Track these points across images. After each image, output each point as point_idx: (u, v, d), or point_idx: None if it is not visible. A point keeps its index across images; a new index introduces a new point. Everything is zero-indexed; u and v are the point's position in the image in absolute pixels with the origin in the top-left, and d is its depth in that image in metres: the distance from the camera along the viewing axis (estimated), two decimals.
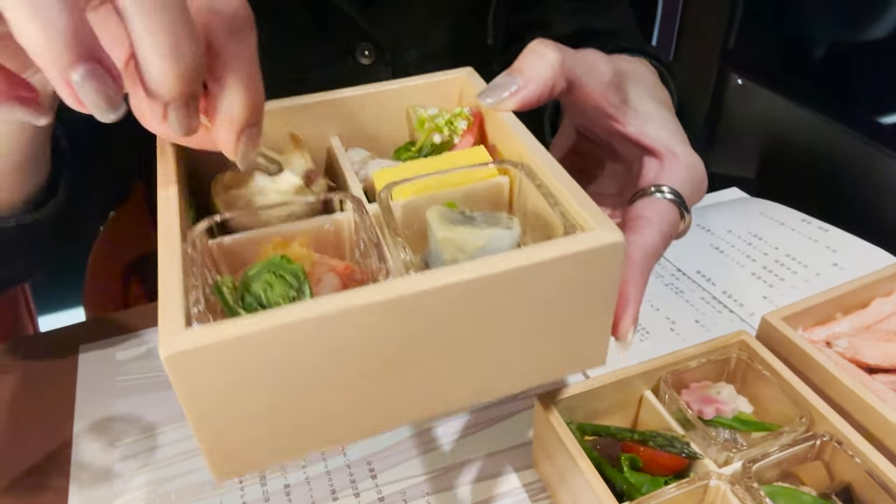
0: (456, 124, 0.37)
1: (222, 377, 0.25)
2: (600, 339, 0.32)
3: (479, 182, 0.34)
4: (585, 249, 0.28)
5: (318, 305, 0.25)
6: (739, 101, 1.35)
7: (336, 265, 0.31)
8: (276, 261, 0.29)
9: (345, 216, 0.32)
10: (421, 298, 0.26)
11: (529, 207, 0.33)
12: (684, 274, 0.70)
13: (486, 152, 0.36)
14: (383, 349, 0.27)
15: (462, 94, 0.39)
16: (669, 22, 1.60)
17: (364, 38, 0.65)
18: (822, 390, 0.49)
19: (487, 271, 0.27)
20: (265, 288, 0.28)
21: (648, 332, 0.63)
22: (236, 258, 0.31)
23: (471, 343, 0.29)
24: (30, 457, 0.55)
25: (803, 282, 0.67)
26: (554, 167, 0.32)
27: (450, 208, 0.33)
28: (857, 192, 0.96)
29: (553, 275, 0.28)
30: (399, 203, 0.33)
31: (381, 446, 0.54)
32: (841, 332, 0.55)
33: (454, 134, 0.37)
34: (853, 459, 0.44)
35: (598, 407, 0.50)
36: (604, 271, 0.29)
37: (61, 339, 0.66)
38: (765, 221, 0.76)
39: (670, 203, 0.38)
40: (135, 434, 0.56)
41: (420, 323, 0.27)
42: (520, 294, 0.28)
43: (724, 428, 0.48)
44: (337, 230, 0.32)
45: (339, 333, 0.26)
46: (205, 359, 0.25)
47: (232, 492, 0.52)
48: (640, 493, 0.44)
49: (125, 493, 0.52)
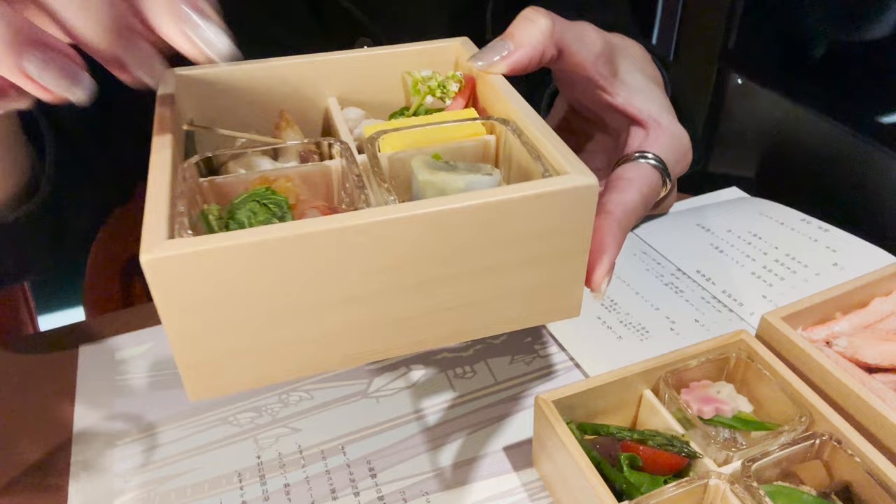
0: (448, 87, 0.38)
1: (199, 288, 0.26)
2: (574, 288, 0.32)
3: (466, 139, 0.34)
4: (558, 189, 0.28)
5: (296, 226, 0.26)
6: (739, 100, 1.35)
7: (320, 204, 0.31)
8: (262, 191, 0.30)
9: (333, 163, 0.33)
10: (394, 226, 0.27)
11: (514, 162, 0.34)
12: (684, 273, 0.70)
13: (475, 113, 0.37)
14: (357, 276, 0.28)
15: (457, 60, 0.40)
16: (669, 22, 1.60)
17: (362, 32, 0.65)
18: (822, 390, 0.49)
19: (459, 205, 0.27)
20: (249, 216, 0.29)
21: (648, 332, 0.63)
22: (225, 196, 0.32)
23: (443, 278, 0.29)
24: (29, 456, 0.55)
25: (803, 281, 0.67)
26: (539, 124, 0.33)
27: (434, 159, 0.33)
28: (857, 191, 0.96)
29: (525, 213, 0.28)
30: (386, 154, 0.33)
31: (381, 446, 0.54)
32: (840, 331, 0.55)
33: (446, 96, 0.38)
34: (853, 459, 0.44)
35: (597, 406, 0.50)
36: (576, 213, 0.29)
37: (61, 338, 0.66)
38: (765, 221, 0.76)
39: (653, 168, 0.38)
40: (135, 433, 0.56)
41: (393, 252, 0.27)
42: (492, 230, 0.28)
43: (723, 427, 0.48)
44: (325, 175, 0.33)
45: (314, 256, 0.26)
46: (183, 267, 0.25)
47: (231, 491, 0.52)
48: (640, 492, 0.44)
49: (125, 493, 0.52)
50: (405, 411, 0.57)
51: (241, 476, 0.53)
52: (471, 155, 0.35)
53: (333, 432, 0.56)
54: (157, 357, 0.63)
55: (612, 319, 0.65)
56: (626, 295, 0.68)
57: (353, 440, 0.55)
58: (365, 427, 0.56)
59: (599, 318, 0.65)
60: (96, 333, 0.66)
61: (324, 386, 0.60)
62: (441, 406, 0.58)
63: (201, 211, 0.30)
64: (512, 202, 0.28)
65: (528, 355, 0.62)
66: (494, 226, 0.28)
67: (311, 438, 0.55)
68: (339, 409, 0.58)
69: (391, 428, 0.56)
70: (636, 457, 0.46)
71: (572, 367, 0.61)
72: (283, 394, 0.59)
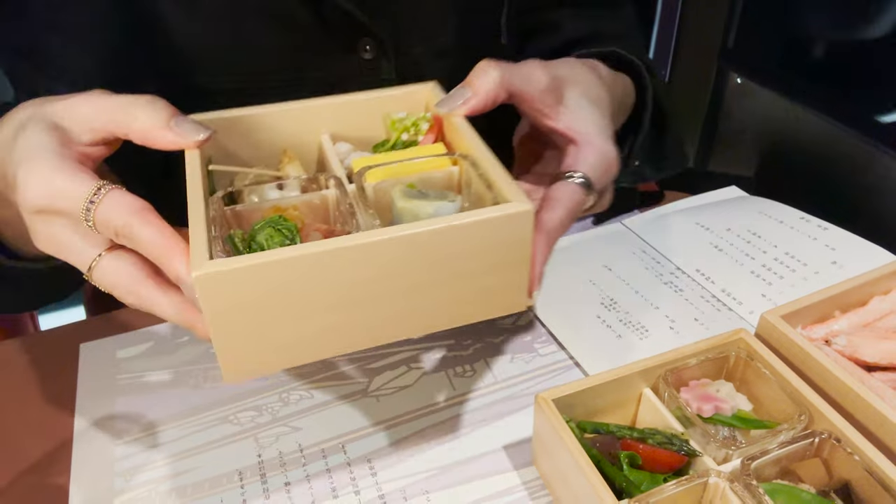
0: (420, 125, 0.47)
1: (234, 295, 0.35)
2: (520, 288, 0.41)
3: (434, 170, 0.43)
4: (503, 215, 0.37)
5: (303, 248, 0.35)
6: (738, 100, 1.35)
7: (321, 227, 0.40)
8: (276, 219, 0.38)
9: (329, 192, 0.41)
10: (378, 245, 0.35)
11: (472, 189, 0.43)
12: (683, 272, 0.70)
13: (443, 147, 0.45)
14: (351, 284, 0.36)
15: (428, 102, 0.48)
16: (668, 21, 1.60)
17: (365, 34, 0.65)
18: (821, 388, 0.49)
19: (429, 228, 0.36)
20: (267, 238, 0.37)
21: (648, 330, 0.63)
22: (245, 221, 0.41)
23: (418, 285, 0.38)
24: (30, 455, 0.55)
25: (802, 280, 0.67)
26: (491, 159, 0.41)
27: (409, 188, 0.41)
28: (856, 190, 0.96)
29: (479, 233, 0.37)
30: (371, 185, 0.41)
31: (381, 444, 0.55)
32: (840, 330, 0.55)
33: (418, 133, 0.46)
34: (852, 457, 0.44)
35: (597, 405, 0.50)
36: (517, 232, 0.38)
37: (62, 338, 0.66)
38: (764, 220, 0.76)
39: (578, 186, 0.46)
40: (135, 432, 0.57)
41: (378, 264, 0.36)
42: (455, 247, 0.37)
43: (723, 425, 0.48)
44: (323, 202, 0.42)
45: (319, 269, 0.35)
46: (222, 280, 0.34)
47: (232, 490, 0.52)
48: (640, 490, 0.44)
49: (126, 492, 0.52)
50: (405, 410, 0.57)
51: (242, 475, 0.53)
52: (439, 183, 0.43)
53: (334, 431, 0.56)
54: (157, 356, 0.64)
55: (611, 318, 0.65)
56: (626, 294, 0.68)
57: (353, 439, 0.55)
58: (365, 426, 0.56)
59: (599, 316, 0.65)
60: (97, 333, 0.66)
61: (324, 385, 0.60)
62: (441, 405, 0.58)
63: (228, 235, 0.39)
64: (469, 225, 0.37)
65: (528, 354, 0.62)
66: (456, 243, 0.37)
67: (312, 437, 0.55)
68: (339, 408, 0.58)
69: (392, 426, 0.56)
70: (636, 455, 0.46)
71: (572, 365, 0.61)
72: (284, 393, 0.59)
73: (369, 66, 0.67)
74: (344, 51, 0.66)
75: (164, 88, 0.64)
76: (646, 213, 0.80)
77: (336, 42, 0.65)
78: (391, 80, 0.67)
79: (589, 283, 0.69)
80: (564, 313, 0.66)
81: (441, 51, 0.71)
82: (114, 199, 0.39)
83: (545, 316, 0.66)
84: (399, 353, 0.63)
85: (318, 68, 0.65)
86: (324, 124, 0.47)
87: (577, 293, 0.68)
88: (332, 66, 0.66)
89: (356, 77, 0.67)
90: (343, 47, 0.66)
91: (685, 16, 1.51)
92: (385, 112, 0.48)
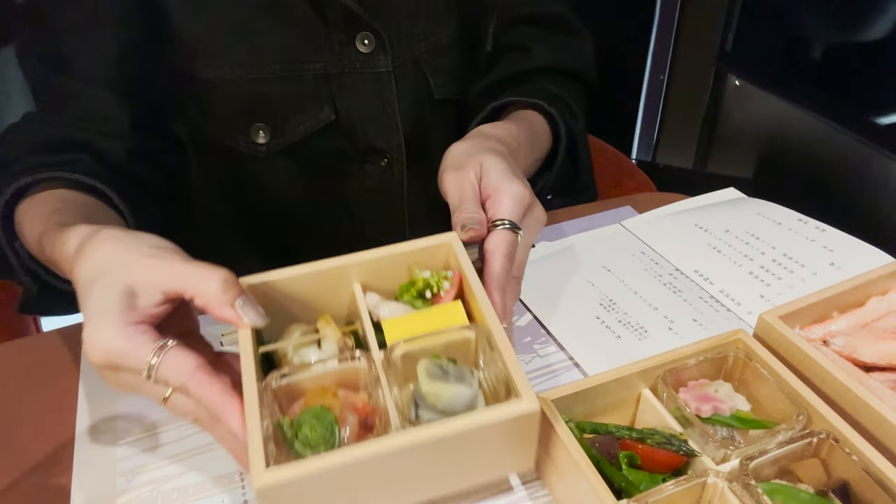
0: (442, 283, 0.51)
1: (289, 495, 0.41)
2: (527, 456, 0.47)
3: (454, 336, 0.48)
4: (512, 417, 0.42)
5: (345, 453, 0.41)
6: (737, 102, 1.36)
7: (356, 402, 0.46)
8: (317, 411, 0.44)
9: (360, 364, 0.47)
10: (408, 446, 0.41)
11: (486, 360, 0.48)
12: (682, 273, 0.71)
13: (461, 307, 0.50)
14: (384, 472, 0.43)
15: (448, 254, 0.53)
16: (667, 24, 1.61)
17: (364, 28, 0.67)
18: (819, 388, 0.50)
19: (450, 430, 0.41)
20: (310, 428, 0.43)
21: (647, 331, 0.64)
22: (292, 392, 0.47)
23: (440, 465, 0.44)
24: (33, 455, 0.55)
25: (800, 281, 0.68)
26: (500, 333, 0.46)
27: (433, 361, 0.46)
28: (854, 192, 0.96)
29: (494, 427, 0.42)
30: (399, 353, 0.46)
31: None
32: (837, 330, 0.56)
33: (440, 289, 0.51)
34: (850, 457, 0.44)
35: (596, 405, 0.50)
36: (525, 426, 0.44)
37: (64, 339, 0.67)
38: (762, 221, 0.76)
39: (506, 230, 0.52)
40: (137, 433, 0.57)
41: (407, 457, 0.42)
42: (471, 440, 0.43)
43: (721, 426, 0.49)
44: (355, 372, 0.47)
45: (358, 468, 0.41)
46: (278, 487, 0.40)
47: (233, 489, 0.52)
48: (639, 490, 0.44)
49: (127, 492, 0.52)
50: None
51: (243, 475, 0.53)
52: (457, 346, 0.48)
53: None
54: None
55: (610, 319, 0.65)
56: (625, 294, 0.68)
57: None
58: None
59: (598, 317, 0.66)
60: None
61: None
62: None
63: (278, 422, 0.44)
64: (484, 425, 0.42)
65: (528, 354, 0.62)
66: (474, 437, 0.43)
67: None
68: None
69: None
70: (635, 455, 0.46)
71: (571, 366, 0.61)
72: None
73: (367, 60, 0.68)
74: (342, 44, 0.68)
75: (170, 78, 0.66)
76: (645, 215, 0.80)
77: (335, 35, 0.67)
78: (388, 73, 0.69)
79: (588, 284, 0.70)
80: (564, 314, 0.66)
81: (438, 47, 0.73)
82: (171, 362, 0.43)
83: (545, 317, 0.66)
84: None
85: (316, 60, 0.67)
86: (355, 277, 0.52)
87: (577, 294, 0.69)
88: (331, 59, 0.68)
89: (354, 70, 0.68)
90: (341, 41, 0.67)
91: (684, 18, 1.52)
92: (410, 263, 0.52)
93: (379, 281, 0.52)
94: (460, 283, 0.51)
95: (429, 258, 0.53)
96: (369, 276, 0.52)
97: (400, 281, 0.53)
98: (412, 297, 0.51)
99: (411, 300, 0.51)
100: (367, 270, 0.52)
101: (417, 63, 0.72)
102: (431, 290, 0.51)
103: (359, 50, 0.68)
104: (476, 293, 0.49)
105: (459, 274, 0.51)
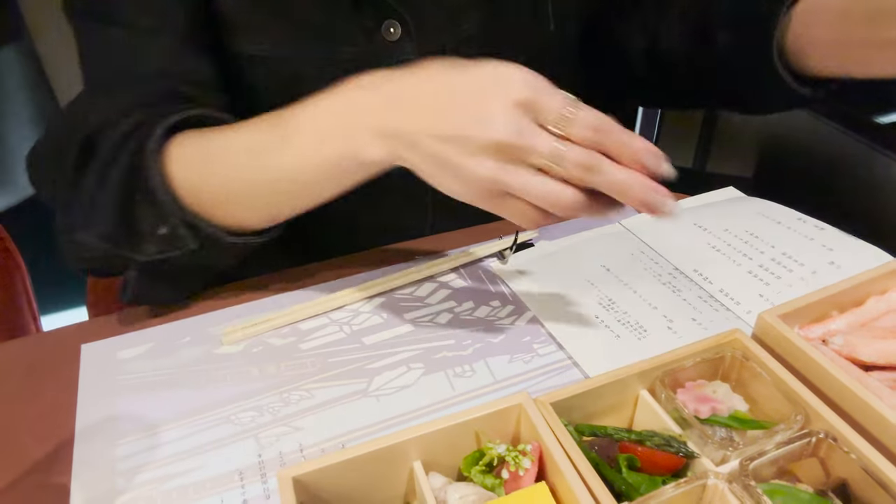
0: (520, 460, 0.44)
1: None
2: None
3: None
4: None
5: None
6: None
7: None
8: None
9: None
10: None
11: None
12: (681, 272, 0.71)
13: (547, 491, 0.43)
14: None
15: (520, 418, 0.47)
16: None
17: (391, 16, 0.69)
18: (818, 388, 0.50)
19: None
20: None
21: (646, 331, 0.64)
22: None
23: None
24: (32, 455, 0.55)
25: (799, 280, 0.68)
26: None
27: None
28: (853, 190, 0.96)
29: None
30: None
31: None
32: (837, 329, 0.56)
33: (519, 468, 0.44)
34: (849, 456, 0.44)
35: (594, 407, 0.50)
36: None
37: (63, 338, 0.67)
38: (761, 220, 0.76)
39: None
40: (137, 433, 0.57)
41: None
42: None
43: (720, 426, 0.49)
44: None
45: None
46: None
47: (233, 489, 0.52)
48: (639, 493, 0.44)
49: (127, 492, 0.52)
50: (405, 410, 0.58)
51: (243, 475, 0.53)
52: None
53: (334, 431, 0.56)
54: (158, 356, 0.64)
55: (610, 318, 0.65)
56: (624, 294, 0.68)
57: (354, 438, 0.55)
58: (365, 425, 0.56)
59: (598, 317, 0.66)
60: (98, 333, 0.67)
61: (325, 385, 0.60)
62: (441, 404, 0.58)
63: None
64: None
65: (527, 354, 0.62)
66: None
67: (313, 437, 0.56)
68: (339, 408, 0.58)
69: (391, 426, 0.56)
70: (634, 457, 0.46)
71: (571, 365, 0.61)
72: (284, 393, 0.60)
73: (394, 48, 0.70)
74: (370, 31, 0.70)
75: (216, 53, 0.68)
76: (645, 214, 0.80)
77: (364, 22, 0.69)
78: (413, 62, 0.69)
79: (587, 284, 0.70)
80: (563, 314, 0.66)
81: (465, 38, 0.74)
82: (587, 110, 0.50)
83: (544, 316, 0.66)
84: (399, 353, 0.63)
85: (350, 44, 0.69)
86: (414, 454, 0.46)
87: (576, 294, 0.69)
88: (361, 45, 0.70)
89: (380, 59, 0.70)
90: (369, 27, 0.69)
91: None
92: (477, 429, 0.46)
93: (441, 454, 0.46)
94: (541, 456, 0.45)
95: (497, 423, 0.47)
96: (429, 452, 0.46)
97: (463, 451, 0.47)
98: (481, 472, 0.45)
99: (481, 477, 0.45)
100: (427, 444, 0.46)
101: (444, 54, 0.72)
102: (508, 468, 0.44)
103: (385, 38, 0.69)
104: (563, 470, 0.42)
105: (539, 446, 0.45)
